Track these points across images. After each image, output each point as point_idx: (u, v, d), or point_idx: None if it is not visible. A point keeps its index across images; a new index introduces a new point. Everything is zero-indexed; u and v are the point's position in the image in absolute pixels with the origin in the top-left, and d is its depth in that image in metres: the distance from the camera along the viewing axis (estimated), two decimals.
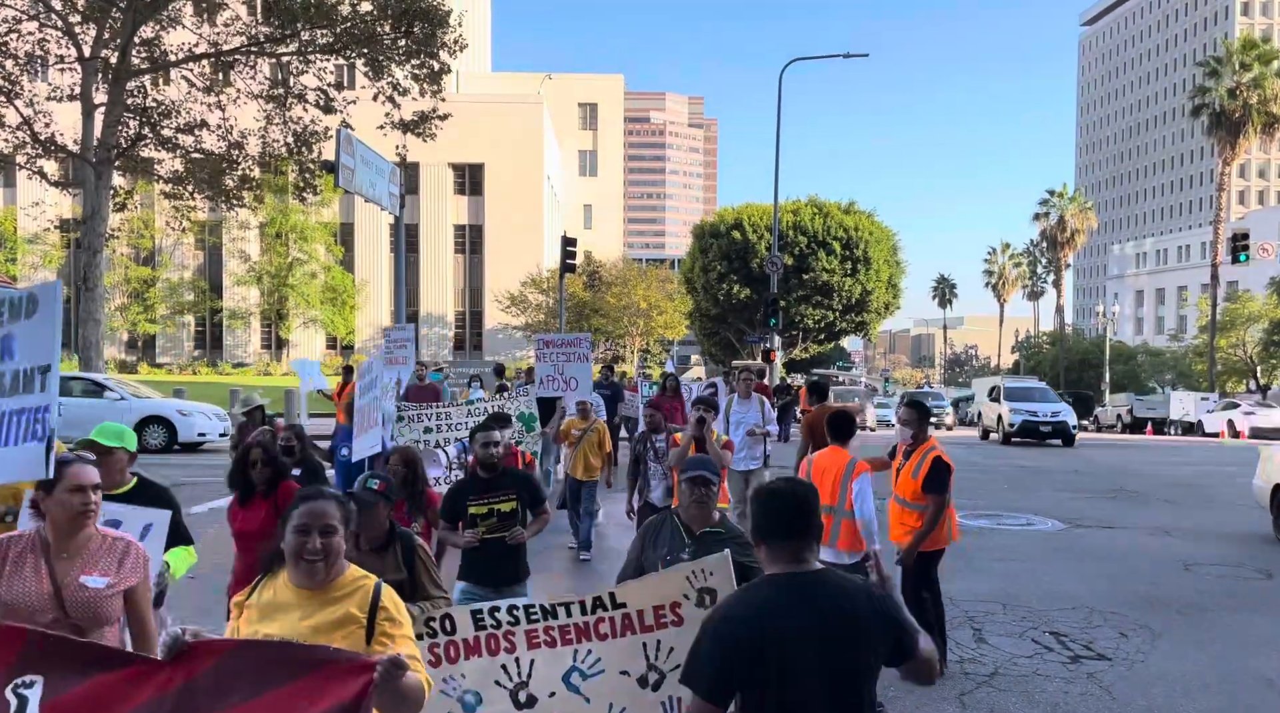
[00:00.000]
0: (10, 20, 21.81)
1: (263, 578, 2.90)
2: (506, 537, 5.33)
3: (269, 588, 2.87)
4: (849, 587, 2.56)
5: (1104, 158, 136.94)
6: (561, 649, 3.72)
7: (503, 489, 5.49)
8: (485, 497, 5.43)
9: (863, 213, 48.44)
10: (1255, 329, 52.75)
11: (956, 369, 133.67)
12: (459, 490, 5.59)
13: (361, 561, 3.82)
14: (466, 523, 5.39)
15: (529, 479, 5.74)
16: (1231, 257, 35.11)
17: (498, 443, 5.52)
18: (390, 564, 4.09)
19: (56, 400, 3.44)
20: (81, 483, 3.27)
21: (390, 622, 2.78)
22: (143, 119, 22.17)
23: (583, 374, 10.32)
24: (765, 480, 9.59)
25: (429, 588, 4.18)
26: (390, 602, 2.82)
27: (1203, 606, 8.26)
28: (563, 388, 10.34)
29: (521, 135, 55.00)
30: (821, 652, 2.41)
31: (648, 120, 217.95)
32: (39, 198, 36.26)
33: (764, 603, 2.47)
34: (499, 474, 5.51)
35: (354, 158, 18.73)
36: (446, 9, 22.61)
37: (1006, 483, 17.06)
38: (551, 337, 10.83)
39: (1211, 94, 47.49)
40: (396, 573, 4.02)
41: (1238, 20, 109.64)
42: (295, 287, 49.77)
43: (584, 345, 10.47)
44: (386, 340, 15.02)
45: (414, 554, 4.21)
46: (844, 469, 5.89)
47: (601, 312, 52.65)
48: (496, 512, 5.42)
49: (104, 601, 3.27)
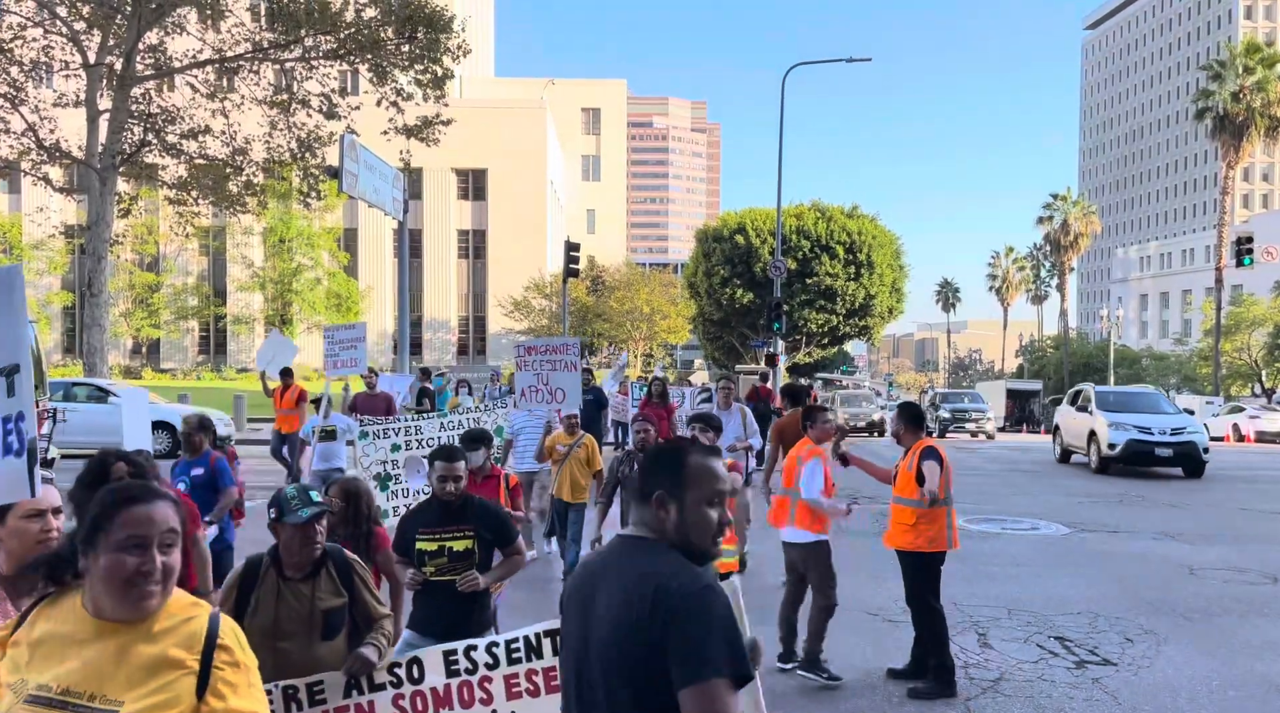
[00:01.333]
0: (16, 27, 21.91)
1: (38, 604, 2.13)
2: (458, 581, 4.40)
3: (47, 618, 2.08)
4: (648, 567, 2.07)
5: (1107, 161, 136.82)
6: (546, 698, 3.22)
7: (459, 523, 4.59)
8: (438, 530, 4.55)
9: (866, 217, 48.44)
10: (1260, 333, 52.65)
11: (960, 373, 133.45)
12: (411, 518, 4.76)
13: (293, 589, 3.53)
14: (415, 560, 4.54)
15: (496, 514, 4.76)
16: (1236, 260, 35.05)
17: (459, 478, 4.61)
18: (326, 589, 3.59)
19: (31, 408, 2.90)
20: (40, 507, 2.75)
21: (232, 667, 2.07)
22: (147, 125, 22.23)
23: (570, 384, 9.02)
24: (748, 502, 9.19)
25: (375, 607, 3.75)
26: (234, 640, 2.11)
27: (1209, 610, 8.23)
28: (547, 400, 9.06)
29: (524, 140, 55.10)
30: (580, 618, 2.19)
31: (650, 125, 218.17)
32: (44, 204, 36.40)
33: (588, 560, 2.34)
34: (458, 505, 4.63)
35: (358, 163, 18.77)
36: (450, 15, 22.67)
37: (1011, 488, 17.03)
38: (534, 342, 9.38)
39: (1215, 98, 47.44)
40: (336, 597, 3.58)
41: (1241, 24, 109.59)
42: (299, 292, 49.89)
43: (571, 352, 9.09)
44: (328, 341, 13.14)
45: (351, 572, 3.69)
46: (802, 452, 6.50)
47: (605, 316, 52.70)
48: (448, 550, 4.53)
49: None
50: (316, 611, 3.52)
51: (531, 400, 9.14)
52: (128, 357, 52.70)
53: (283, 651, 3.47)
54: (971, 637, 7.26)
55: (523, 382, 9.22)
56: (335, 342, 13.44)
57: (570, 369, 9.02)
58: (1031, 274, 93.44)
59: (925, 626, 6.14)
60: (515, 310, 51.86)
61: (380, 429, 8.83)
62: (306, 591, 3.52)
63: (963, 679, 6.25)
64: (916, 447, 6.24)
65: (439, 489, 4.59)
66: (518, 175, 54.95)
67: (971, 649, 6.95)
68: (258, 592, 3.55)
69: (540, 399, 9.11)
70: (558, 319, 46.35)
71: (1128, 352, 63.61)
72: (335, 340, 13.49)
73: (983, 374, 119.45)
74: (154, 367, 52.27)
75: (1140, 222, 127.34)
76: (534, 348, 9.25)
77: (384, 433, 8.79)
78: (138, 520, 2.03)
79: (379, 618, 3.69)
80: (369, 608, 3.69)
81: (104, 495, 2.10)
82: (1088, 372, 60.54)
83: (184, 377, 49.81)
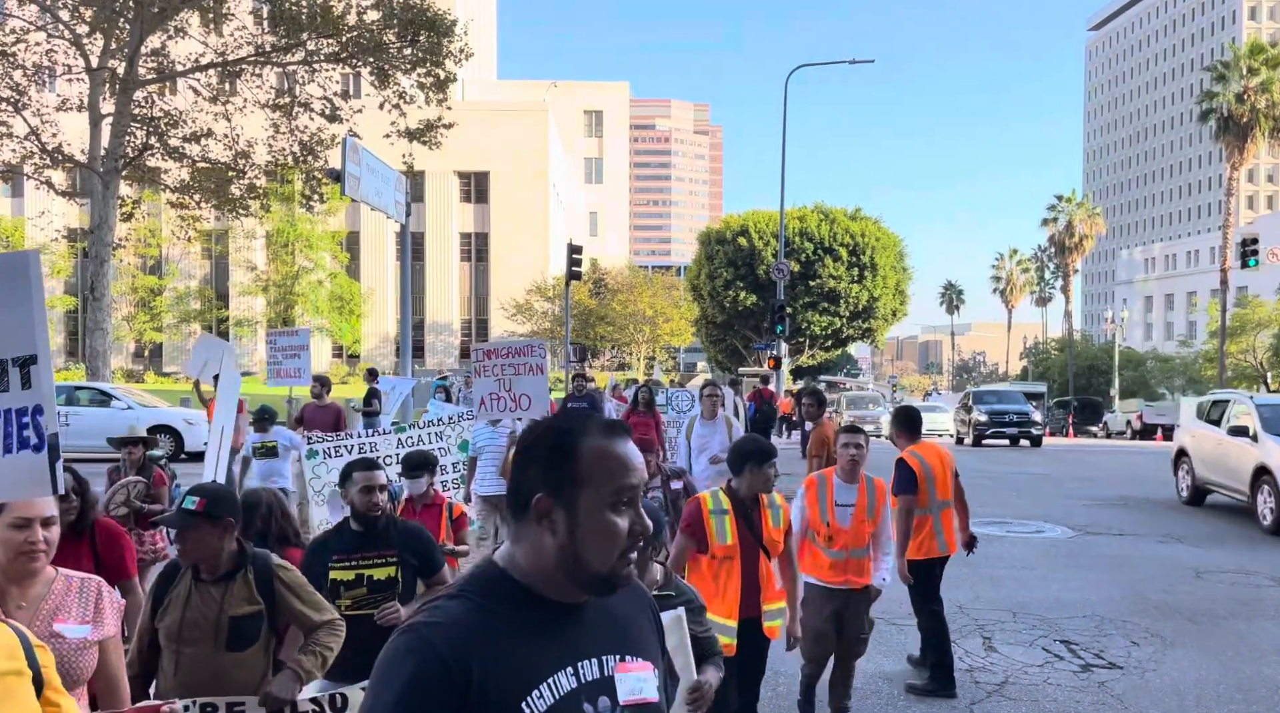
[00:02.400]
0: (19, 31, 21.95)
1: None
2: (376, 614, 3.89)
3: None
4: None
5: (1112, 163, 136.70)
6: None
7: (380, 548, 4.07)
8: (355, 557, 4.04)
9: (869, 219, 48.42)
10: (1265, 334, 52.49)
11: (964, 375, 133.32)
12: (320, 547, 4.20)
13: (202, 593, 3.32)
14: (329, 592, 3.98)
15: (420, 535, 4.28)
16: (1241, 262, 34.94)
17: (382, 487, 4.15)
18: (240, 594, 3.32)
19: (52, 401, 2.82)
20: (28, 515, 2.69)
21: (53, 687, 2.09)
22: (150, 129, 22.25)
23: (537, 390, 7.93)
24: None
25: (310, 615, 3.40)
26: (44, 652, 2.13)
27: (1215, 613, 8.17)
28: (510, 408, 7.99)
29: (527, 143, 55.13)
30: None
31: (653, 127, 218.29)
32: (46, 208, 36.43)
33: None
34: (379, 527, 4.13)
35: (360, 166, 18.74)
36: (452, 18, 22.69)
37: (1016, 490, 16.96)
38: (494, 345, 8.33)
39: (1219, 99, 47.32)
40: (249, 604, 3.31)
41: (1245, 25, 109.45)
42: (302, 295, 49.93)
43: (538, 354, 8.02)
44: (270, 347, 11.85)
45: (271, 577, 3.38)
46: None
47: (607, 319, 52.70)
48: (367, 579, 4.03)
49: (83, 653, 2.74)
50: (224, 617, 3.28)
51: (493, 409, 8.05)
52: (130, 360, 52.77)
53: (185, 655, 3.27)
54: (976, 640, 7.21)
55: (482, 389, 8.09)
56: (278, 349, 12.34)
57: (536, 372, 7.96)
58: (1036, 276, 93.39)
59: (924, 627, 6.20)
60: (518, 313, 51.88)
61: (331, 447, 7.72)
62: (217, 595, 3.29)
63: (968, 683, 6.20)
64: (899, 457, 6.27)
65: (364, 503, 4.08)
66: (520, 178, 54.97)
67: (976, 653, 6.90)
68: (172, 592, 3.37)
69: (503, 408, 8.01)
70: (560, 322, 46.34)
71: (1133, 354, 63.43)
72: (278, 347, 12.38)
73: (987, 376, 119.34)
74: (156, 370, 52.34)
75: (1145, 223, 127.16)
76: (494, 351, 8.16)
77: (335, 451, 7.64)
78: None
79: (314, 627, 3.38)
80: (300, 616, 3.39)
81: None
82: (1092, 374, 60.40)
83: (187, 381, 49.85)
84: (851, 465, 5.30)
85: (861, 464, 5.33)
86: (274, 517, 4.30)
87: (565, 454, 1.55)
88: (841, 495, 5.29)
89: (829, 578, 5.24)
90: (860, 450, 5.30)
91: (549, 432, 1.60)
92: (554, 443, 1.57)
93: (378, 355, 53.31)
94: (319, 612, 3.42)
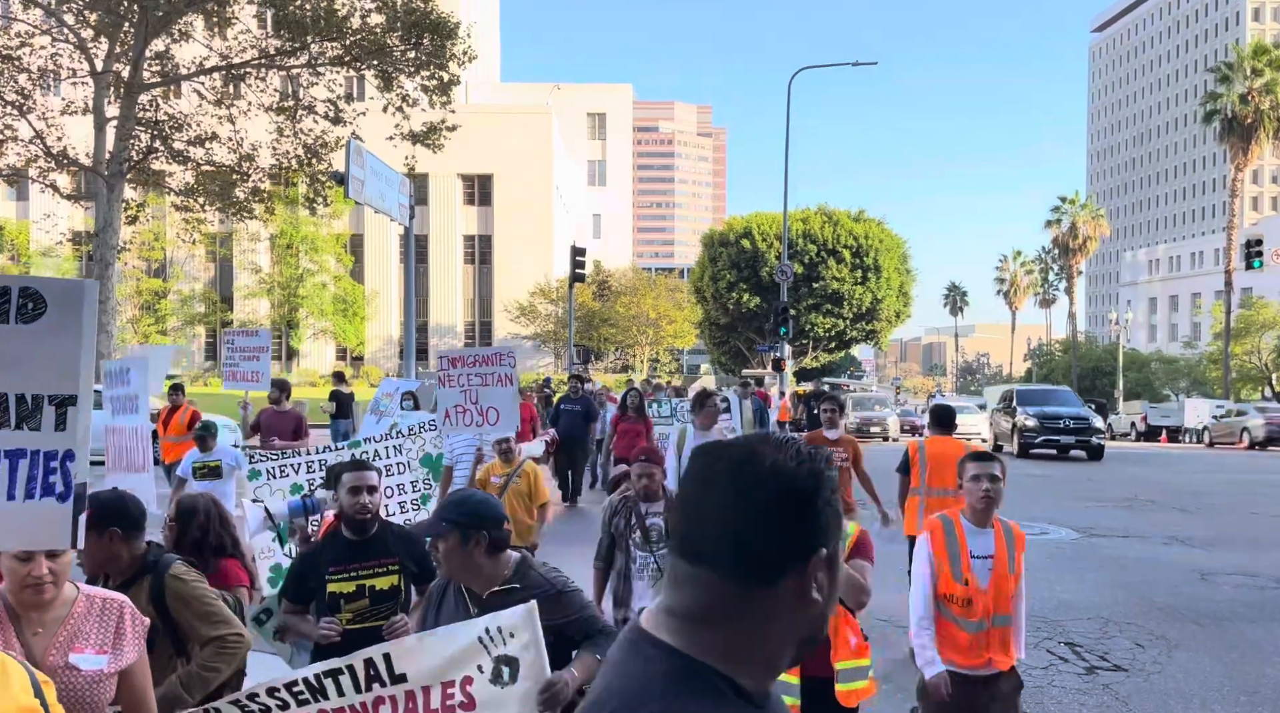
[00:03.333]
0: (23, 35, 22.01)
1: None
2: (384, 628, 3.66)
3: None
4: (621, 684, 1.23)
5: (1116, 164, 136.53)
6: None
7: (379, 556, 3.85)
8: (353, 567, 3.79)
9: (873, 221, 48.41)
10: (1270, 336, 52.37)
11: (968, 377, 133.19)
12: (312, 558, 3.96)
13: None
14: (325, 606, 3.74)
15: (415, 539, 4.08)
16: (1245, 263, 34.88)
17: (373, 488, 3.91)
18: (136, 605, 3.13)
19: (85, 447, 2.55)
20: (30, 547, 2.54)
21: None
22: (154, 132, 22.30)
23: (505, 403, 7.34)
24: None
25: (199, 628, 3.17)
26: None
27: (1220, 616, 8.15)
28: (477, 422, 7.40)
29: (530, 146, 55.19)
30: None
31: (656, 130, 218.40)
32: (51, 211, 36.51)
33: None
34: (374, 534, 3.90)
35: (364, 169, 18.79)
36: (456, 21, 22.71)
37: (1019, 492, 16.94)
38: (459, 353, 7.63)
39: (1223, 100, 47.27)
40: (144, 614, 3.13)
41: (1249, 26, 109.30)
42: (306, 298, 50.01)
43: (506, 363, 7.43)
44: (228, 347, 11.15)
45: (163, 590, 3.18)
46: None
47: (611, 321, 52.74)
48: (369, 589, 3.80)
49: (99, 685, 2.59)
50: None
51: (458, 423, 7.49)
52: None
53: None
54: None
55: (447, 400, 7.50)
56: (235, 349, 11.40)
57: (504, 383, 7.38)
58: (1040, 278, 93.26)
59: None
60: (521, 316, 51.94)
61: (276, 465, 6.62)
62: None
63: None
64: None
65: (353, 505, 3.85)
66: (524, 181, 55.04)
67: None
68: None
69: (469, 422, 7.44)
70: (564, 324, 46.37)
71: (1137, 355, 63.33)
72: (235, 348, 11.43)
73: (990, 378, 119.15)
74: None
75: (1149, 224, 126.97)
76: (459, 359, 7.54)
77: (280, 470, 6.58)
78: None
79: (203, 642, 3.15)
80: (190, 630, 3.18)
81: None
82: (1097, 375, 60.31)
83: (191, 383, 49.98)
84: (986, 505, 4.11)
85: (997, 503, 4.14)
86: (211, 524, 4.03)
87: (820, 494, 1.18)
88: (976, 544, 4.09)
89: (968, 661, 3.96)
90: (995, 485, 4.12)
91: (797, 466, 1.18)
92: (809, 484, 1.17)
93: (381, 358, 53.40)
94: (210, 626, 3.17)
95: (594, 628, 3.23)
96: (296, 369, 52.56)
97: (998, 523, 4.17)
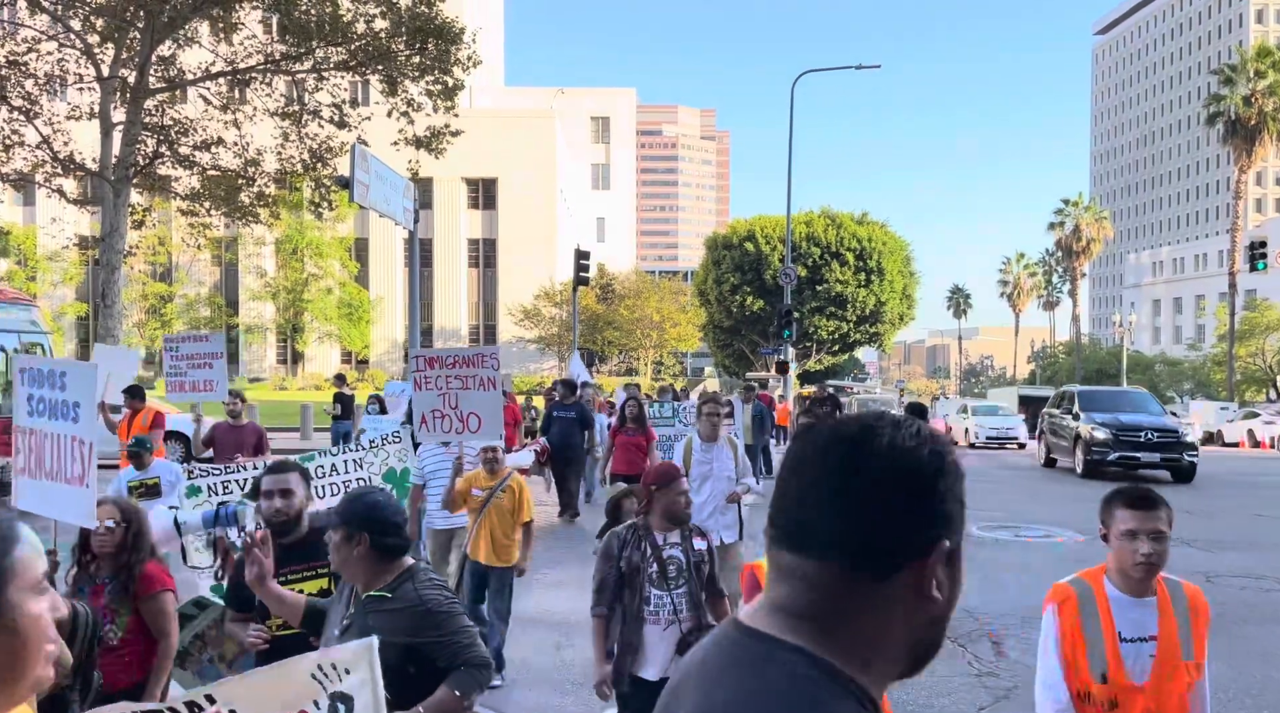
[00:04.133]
0: (30, 40, 22.13)
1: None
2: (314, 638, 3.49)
3: None
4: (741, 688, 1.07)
5: (1119, 166, 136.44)
6: None
7: (307, 559, 3.71)
8: (283, 572, 3.62)
9: (876, 224, 48.46)
10: (1275, 338, 52.32)
11: (972, 380, 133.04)
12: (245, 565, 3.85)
13: None
14: (258, 612, 3.59)
15: None
16: (1249, 265, 34.88)
17: (288, 491, 3.76)
18: None
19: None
20: None
21: None
22: (160, 137, 22.40)
23: (488, 409, 6.46)
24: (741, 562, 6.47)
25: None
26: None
27: (1225, 617, 8.16)
28: (456, 429, 6.54)
29: (534, 149, 55.30)
30: None
31: (660, 133, 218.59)
32: (58, 215, 36.64)
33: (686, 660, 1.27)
34: (306, 538, 3.76)
35: (369, 173, 18.87)
36: (460, 26, 22.78)
37: (1025, 494, 16.94)
38: (436, 353, 6.73)
39: (1226, 102, 47.27)
40: None
41: (1252, 28, 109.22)
42: (311, 302, 50.12)
43: (489, 364, 6.50)
44: (169, 355, 9.90)
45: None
46: None
47: (615, 324, 52.79)
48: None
49: None
50: None
51: (435, 429, 6.59)
52: (140, 367, 53.04)
53: None
54: (985, 646, 7.22)
55: (423, 404, 6.65)
56: (181, 357, 10.05)
57: (487, 387, 6.46)
58: (1043, 280, 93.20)
59: None
60: (525, 319, 52.02)
61: (219, 481, 6.13)
62: None
63: (977, 688, 6.22)
64: None
65: (266, 509, 3.76)
66: (528, 184, 55.14)
67: (986, 658, 6.91)
68: None
69: (447, 428, 6.56)
70: (568, 327, 46.44)
71: (1141, 357, 63.27)
72: (180, 355, 10.06)
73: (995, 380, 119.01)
74: None
75: (1153, 226, 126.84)
76: (436, 360, 6.64)
77: (224, 486, 6.09)
78: None
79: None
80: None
81: None
82: (1101, 378, 60.26)
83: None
84: (1145, 574, 2.87)
85: (1162, 564, 2.85)
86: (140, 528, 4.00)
87: (944, 478, 1.06)
88: (1128, 620, 2.89)
89: None
90: (1160, 547, 2.84)
91: (918, 446, 1.07)
92: (931, 466, 1.06)
93: (386, 361, 53.49)
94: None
95: (461, 657, 2.98)
96: (302, 373, 52.74)
97: (1162, 586, 2.91)
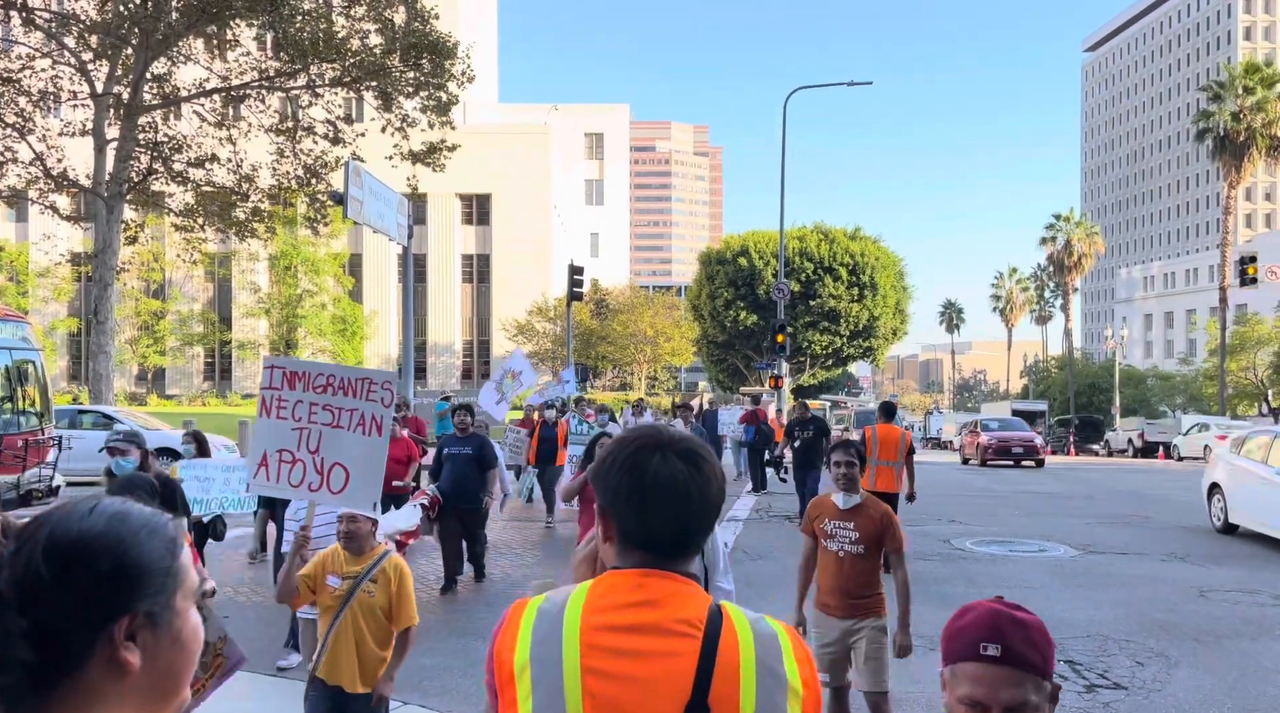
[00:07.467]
0: (24, 57, 22.15)
1: None
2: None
3: None
4: None
5: (1110, 182, 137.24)
6: None
7: None
8: None
9: (869, 239, 48.62)
10: (1265, 352, 52.52)
11: (965, 394, 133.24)
12: None
13: None
14: None
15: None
16: (1240, 280, 35.04)
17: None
18: None
19: None
20: None
21: None
22: (154, 153, 22.40)
23: (362, 462, 4.20)
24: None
25: None
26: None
27: (1219, 632, 8.17)
28: (311, 481, 4.22)
29: (528, 165, 55.43)
30: None
31: (653, 149, 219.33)
32: (51, 232, 36.59)
33: None
34: None
35: (363, 190, 18.89)
36: (454, 42, 22.87)
37: (1018, 509, 16.95)
38: (304, 367, 4.36)
39: (1215, 118, 47.62)
40: None
41: (1240, 45, 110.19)
42: (305, 318, 50.07)
43: (376, 399, 4.24)
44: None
45: None
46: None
47: (609, 339, 52.81)
48: None
49: None
50: None
51: (279, 480, 4.22)
52: (133, 383, 52.82)
53: None
54: None
55: (268, 438, 4.23)
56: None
57: (370, 430, 4.19)
58: (1035, 295, 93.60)
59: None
60: (519, 334, 52.01)
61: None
62: None
63: None
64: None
65: None
66: (521, 200, 55.25)
67: None
68: None
69: (296, 480, 4.19)
70: (561, 342, 46.45)
71: (1133, 372, 63.46)
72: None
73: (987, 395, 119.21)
74: (159, 393, 52.37)
75: (1144, 242, 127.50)
76: (301, 376, 4.25)
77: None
78: None
79: None
80: None
81: None
82: (1093, 392, 60.43)
83: (189, 403, 49.88)
84: None
85: None
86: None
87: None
88: None
89: None
90: None
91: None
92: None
93: None
94: None
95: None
96: None
97: None
